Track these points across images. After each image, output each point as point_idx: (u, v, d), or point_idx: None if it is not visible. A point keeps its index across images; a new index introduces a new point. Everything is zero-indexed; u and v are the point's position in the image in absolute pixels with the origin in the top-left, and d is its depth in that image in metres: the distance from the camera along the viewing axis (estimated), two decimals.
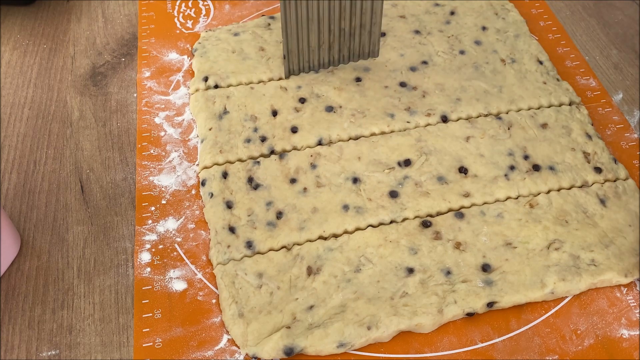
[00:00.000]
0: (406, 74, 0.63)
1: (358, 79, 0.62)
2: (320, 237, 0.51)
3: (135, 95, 0.63)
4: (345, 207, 0.53)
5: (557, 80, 0.63)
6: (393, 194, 0.53)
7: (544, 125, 0.58)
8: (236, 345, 0.46)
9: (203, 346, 0.46)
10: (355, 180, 0.54)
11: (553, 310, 0.48)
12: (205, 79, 0.63)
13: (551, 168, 0.55)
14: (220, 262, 0.50)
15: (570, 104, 0.61)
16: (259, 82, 0.63)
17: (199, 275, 0.50)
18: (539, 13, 0.71)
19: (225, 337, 0.47)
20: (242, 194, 0.54)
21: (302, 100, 0.61)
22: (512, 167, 0.55)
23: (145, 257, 0.51)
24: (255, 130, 0.58)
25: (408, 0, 0.71)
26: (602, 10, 0.72)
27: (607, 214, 0.52)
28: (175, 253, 0.51)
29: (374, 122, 0.59)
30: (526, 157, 0.56)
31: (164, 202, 0.54)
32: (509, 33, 0.67)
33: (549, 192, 0.54)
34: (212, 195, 0.54)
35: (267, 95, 0.61)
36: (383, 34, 0.67)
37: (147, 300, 0.48)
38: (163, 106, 0.62)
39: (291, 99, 0.61)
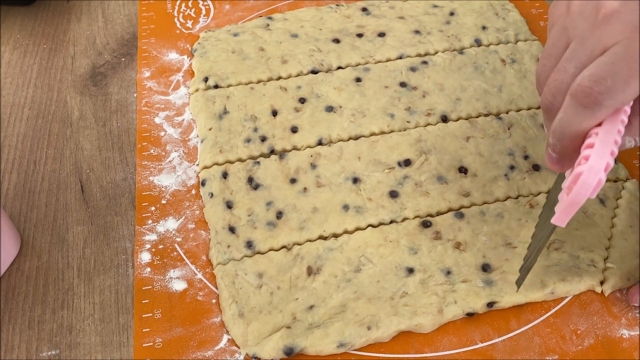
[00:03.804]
0: (406, 74, 0.63)
1: (358, 79, 0.62)
2: (320, 237, 0.51)
3: (135, 95, 0.63)
4: (345, 207, 0.53)
5: None
6: (393, 194, 0.53)
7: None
8: (236, 345, 0.46)
9: (203, 346, 0.46)
10: (355, 180, 0.54)
11: (553, 310, 0.48)
12: (205, 79, 0.63)
13: None
14: (220, 262, 0.50)
15: None
16: (259, 82, 0.63)
17: (199, 275, 0.50)
18: (539, 13, 0.71)
19: (225, 337, 0.47)
20: (242, 194, 0.54)
21: (302, 100, 0.61)
22: (512, 167, 0.55)
23: (145, 257, 0.51)
24: (255, 130, 0.58)
25: (406, 2, 0.71)
26: None
27: (607, 214, 0.52)
28: (175, 253, 0.51)
29: (373, 122, 0.59)
30: (526, 157, 0.56)
31: (164, 202, 0.54)
32: (509, 33, 0.67)
33: (549, 192, 0.54)
34: (212, 195, 0.54)
35: (267, 95, 0.61)
36: (383, 34, 0.67)
37: (147, 300, 0.48)
38: (163, 106, 0.62)
39: (291, 99, 0.61)
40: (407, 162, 0.56)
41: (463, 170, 0.55)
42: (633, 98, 0.36)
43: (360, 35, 0.67)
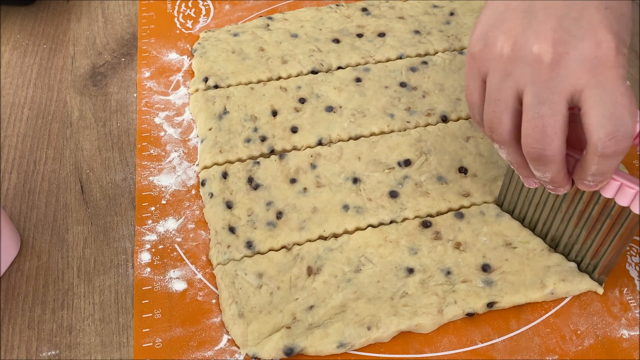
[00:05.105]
0: (406, 74, 0.63)
1: (358, 79, 0.62)
2: (321, 237, 0.51)
3: (135, 95, 0.63)
4: (345, 207, 0.53)
5: None
6: (393, 194, 0.53)
7: None
8: (236, 345, 0.46)
9: (203, 346, 0.46)
10: (355, 180, 0.54)
11: (553, 311, 0.48)
12: (205, 79, 0.63)
13: None
14: (220, 262, 0.50)
15: None
16: (259, 82, 0.63)
17: (199, 275, 0.50)
18: None
19: (225, 337, 0.47)
20: (242, 194, 0.54)
21: (302, 100, 0.61)
22: None
23: (145, 257, 0.51)
24: (255, 130, 0.58)
25: (406, 2, 0.71)
26: None
27: None
28: (175, 253, 0.51)
29: (373, 122, 0.59)
30: None
31: (164, 202, 0.54)
32: None
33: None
34: (212, 195, 0.54)
35: (267, 95, 0.61)
36: (383, 34, 0.67)
37: (147, 300, 0.48)
38: (163, 106, 0.62)
39: (291, 99, 0.61)
40: (407, 162, 0.56)
41: (463, 170, 0.55)
42: None
43: (360, 35, 0.67)
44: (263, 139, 0.58)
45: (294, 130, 0.58)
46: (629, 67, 0.66)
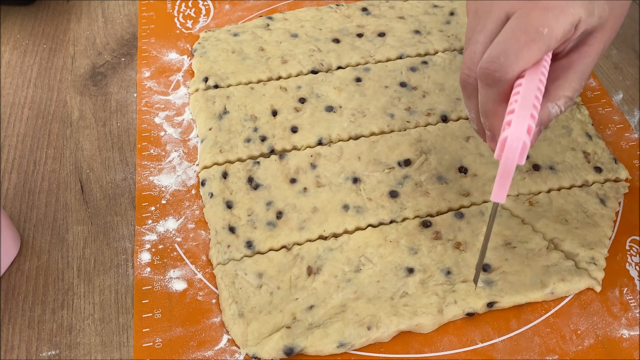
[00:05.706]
0: (406, 74, 0.63)
1: (358, 79, 0.62)
2: (320, 237, 0.51)
3: (135, 95, 0.63)
4: (345, 207, 0.53)
5: None
6: (393, 194, 0.53)
7: None
8: (236, 345, 0.46)
9: (203, 346, 0.46)
10: (355, 180, 0.54)
11: (553, 310, 0.48)
12: (205, 79, 0.63)
13: (551, 168, 0.55)
14: (220, 262, 0.50)
15: None
16: (259, 82, 0.63)
17: (199, 275, 0.50)
18: None
19: (225, 337, 0.47)
20: (242, 194, 0.54)
21: (302, 100, 0.61)
22: None
23: (145, 257, 0.51)
24: (255, 130, 0.58)
25: (406, 1, 0.71)
26: None
27: (607, 214, 0.52)
28: (175, 253, 0.51)
29: (373, 122, 0.59)
30: (526, 157, 0.56)
31: (164, 202, 0.54)
32: None
33: (549, 191, 0.54)
34: (212, 195, 0.54)
35: (267, 95, 0.61)
36: (383, 34, 0.67)
37: (147, 300, 0.48)
38: (163, 106, 0.62)
39: (291, 99, 0.61)
40: (407, 162, 0.56)
41: (463, 170, 0.55)
42: (528, 66, 0.38)
43: (360, 35, 0.67)
44: (263, 139, 0.58)
45: (294, 130, 0.58)
46: (628, 67, 0.66)
